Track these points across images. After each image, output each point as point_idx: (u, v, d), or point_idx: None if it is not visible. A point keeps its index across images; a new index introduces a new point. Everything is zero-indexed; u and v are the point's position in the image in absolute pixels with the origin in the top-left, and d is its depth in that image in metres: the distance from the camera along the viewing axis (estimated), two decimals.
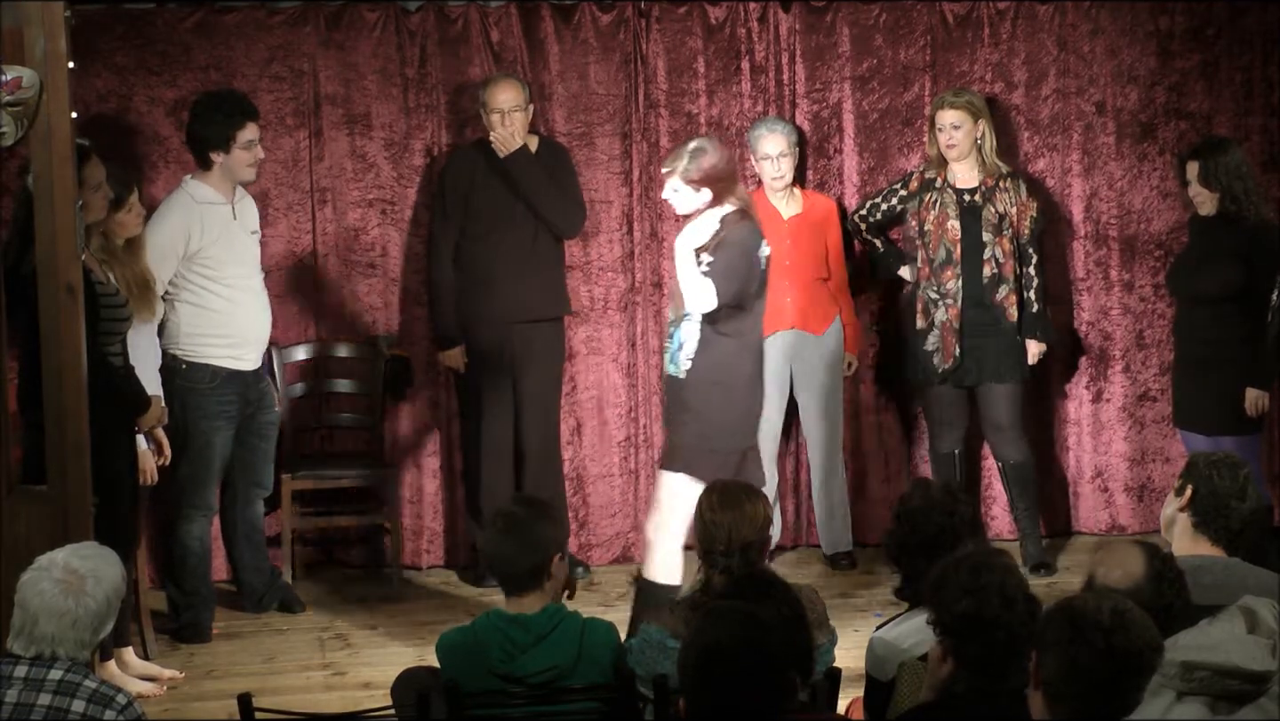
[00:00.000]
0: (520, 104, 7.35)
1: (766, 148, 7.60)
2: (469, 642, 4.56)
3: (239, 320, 6.94)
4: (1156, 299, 8.08)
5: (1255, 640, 3.70)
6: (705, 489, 4.98)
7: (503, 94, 7.36)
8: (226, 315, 6.92)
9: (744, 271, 6.17)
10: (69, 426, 5.26)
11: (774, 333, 7.68)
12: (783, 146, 7.59)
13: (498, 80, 7.44)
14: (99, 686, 3.94)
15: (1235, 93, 8.09)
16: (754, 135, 7.68)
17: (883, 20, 7.94)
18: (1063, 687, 3.37)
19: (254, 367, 7.05)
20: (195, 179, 6.97)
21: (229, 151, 6.90)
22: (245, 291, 6.96)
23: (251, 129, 6.94)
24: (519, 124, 7.35)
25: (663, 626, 4.62)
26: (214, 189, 6.93)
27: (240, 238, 6.98)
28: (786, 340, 7.69)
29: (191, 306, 6.87)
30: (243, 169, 6.94)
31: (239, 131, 6.89)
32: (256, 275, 7.07)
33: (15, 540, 5.17)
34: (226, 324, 6.91)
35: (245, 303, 6.96)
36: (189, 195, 6.92)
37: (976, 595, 3.78)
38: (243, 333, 6.96)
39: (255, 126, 6.97)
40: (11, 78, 5.08)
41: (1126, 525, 8.17)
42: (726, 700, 3.56)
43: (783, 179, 7.62)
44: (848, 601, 7.31)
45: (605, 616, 5.55)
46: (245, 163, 6.93)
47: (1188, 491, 4.66)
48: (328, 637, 7.05)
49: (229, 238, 6.93)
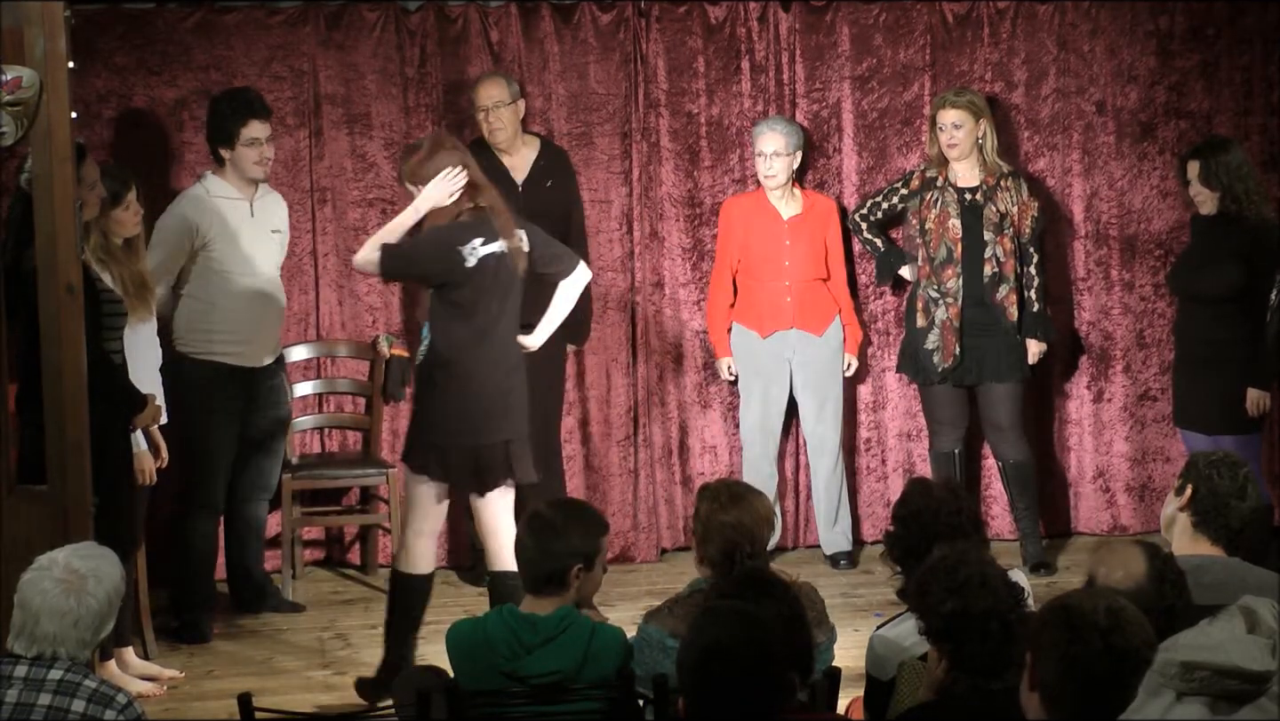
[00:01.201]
0: (504, 99, 7.33)
1: (761, 145, 7.61)
2: (478, 637, 4.57)
3: (245, 317, 6.94)
4: (1157, 298, 8.08)
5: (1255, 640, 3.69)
6: (710, 492, 4.82)
7: (484, 91, 7.37)
8: (232, 311, 6.92)
9: (423, 253, 6.05)
10: (69, 426, 5.25)
11: (774, 332, 7.70)
12: (777, 146, 7.59)
13: (483, 79, 7.46)
14: (99, 686, 3.94)
15: (1235, 92, 8.09)
16: (755, 131, 7.68)
17: (882, 20, 7.94)
18: (1061, 689, 3.37)
19: (261, 365, 7.05)
20: (214, 174, 7.01)
21: (234, 148, 6.94)
22: (254, 289, 6.96)
23: (256, 127, 6.95)
24: (505, 119, 7.33)
25: (661, 626, 4.61)
26: (230, 185, 6.96)
27: (255, 235, 6.99)
28: (786, 339, 7.70)
29: (197, 301, 6.89)
30: (249, 166, 6.97)
31: (242, 129, 6.92)
32: (271, 274, 7.08)
33: (15, 540, 5.17)
34: (231, 320, 6.92)
35: (254, 300, 6.96)
36: (203, 189, 6.97)
37: (959, 592, 3.79)
38: (248, 330, 6.96)
39: (261, 125, 6.98)
40: (11, 78, 5.08)
41: (1127, 525, 8.16)
42: (726, 699, 3.56)
43: (775, 178, 7.61)
44: (848, 601, 7.31)
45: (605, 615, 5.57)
46: (251, 160, 6.96)
47: (1188, 491, 4.66)
48: (328, 637, 7.05)
49: (241, 234, 6.94)
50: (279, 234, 7.14)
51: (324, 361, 7.79)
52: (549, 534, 4.59)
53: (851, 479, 8.06)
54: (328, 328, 7.77)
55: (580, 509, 4.83)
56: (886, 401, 8.10)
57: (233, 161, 6.96)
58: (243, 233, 6.96)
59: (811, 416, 7.81)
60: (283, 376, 7.26)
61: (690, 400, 7.97)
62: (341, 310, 7.77)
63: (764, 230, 7.65)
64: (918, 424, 7.99)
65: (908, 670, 4.32)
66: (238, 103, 6.98)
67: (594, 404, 7.93)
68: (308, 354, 7.72)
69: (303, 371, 7.75)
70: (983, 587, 3.80)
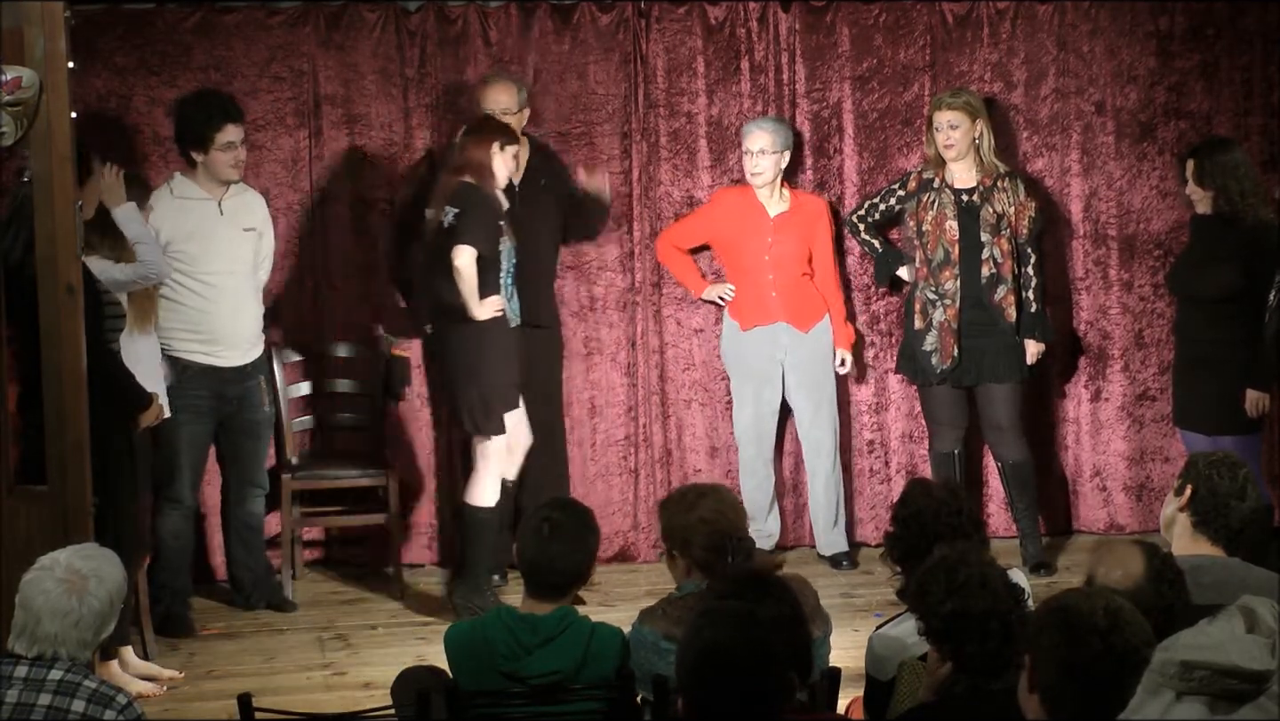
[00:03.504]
0: (512, 108, 7.33)
1: (748, 143, 7.63)
2: (476, 638, 4.56)
3: (215, 317, 6.91)
4: (1155, 298, 8.09)
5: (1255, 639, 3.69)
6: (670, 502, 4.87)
7: (494, 96, 7.35)
8: (201, 311, 6.91)
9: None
10: (69, 426, 5.26)
11: (755, 326, 7.69)
12: (763, 144, 7.59)
13: (492, 82, 7.43)
14: (99, 686, 3.94)
15: (1235, 92, 8.09)
16: (743, 130, 7.69)
17: (882, 20, 7.95)
18: (1060, 689, 3.37)
19: (234, 365, 7.02)
20: (182, 175, 7.00)
21: (207, 152, 6.89)
22: (225, 289, 6.92)
23: (231, 130, 6.91)
24: (514, 127, 7.34)
25: (655, 628, 4.61)
26: (198, 185, 6.94)
27: (224, 234, 6.96)
28: (774, 334, 7.70)
29: (166, 300, 6.85)
30: (224, 169, 6.93)
31: (217, 133, 6.87)
32: (242, 273, 7.03)
33: (15, 540, 5.17)
34: (201, 320, 6.90)
35: (224, 300, 6.92)
36: (169, 190, 6.96)
37: (959, 593, 3.79)
38: (219, 330, 6.92)
39: (236, 128, 6.94)
40: (11, 78, 5.09)
41: (1125, 524, 8.17)
42: (725, 700, 3.56)
43: (761, 175, 7.61)
44: (848, 601, 7.31)
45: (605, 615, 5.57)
46: (226, 163, 6.92)
47: (1187, 491, 4.66)
48: (328, 637, 7.05)
49: (209, 234, 6.92)
50: (253, 232, 7.08)
51: (324, 361, 7.78)
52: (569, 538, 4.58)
53: (854, 481, 8.06)
54: (328, 328, 7.76)
55: (583, 509, 4.83)
56: (889, 403, 8.10)
57: (206, 164, 6.91)
58: (209, 232, 6.92)
59: (806, 420, 7.81)
60: (260, 379, 7.17)
61: (690, 400, 7.97)
62: (342, 310, 7.76)
63: (750, 225, 7.67)
64: (920, 425, 7.98)
65: (908, 670, 4.32)
66: (211, 107, 6.92)
67: (593, 403, 7.93)
68: (308, 354, 7.72)
69: (302, 371, 7.75)
70: (982, 588, 3.80)
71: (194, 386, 6.90)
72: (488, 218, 6.90)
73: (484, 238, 6.87)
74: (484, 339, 6.92)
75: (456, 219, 6.86)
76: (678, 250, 7.82)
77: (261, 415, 7.18)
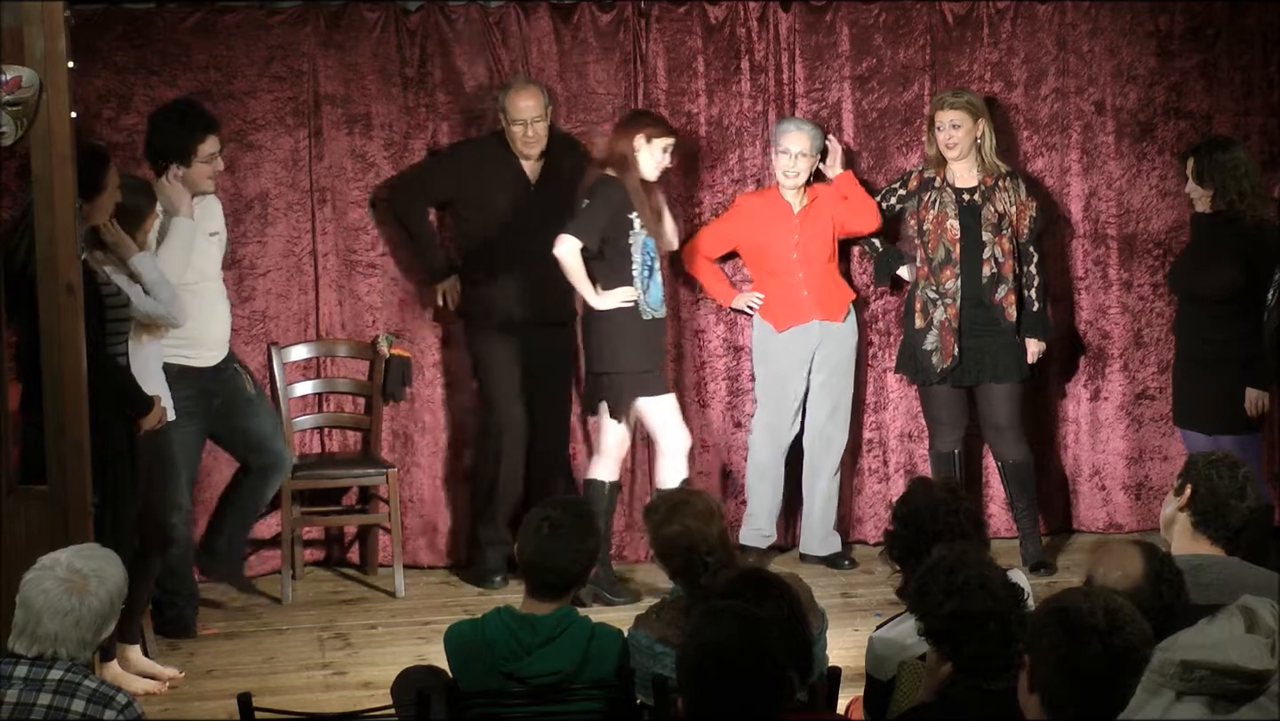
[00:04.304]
0: (542, 113, 7.38)
1: (788, 143, 7.60)
2: (476, 638, 4.56)
3: (193, 322, 6.88)
4: (1155, 297, 8.09)
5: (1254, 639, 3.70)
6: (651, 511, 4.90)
7: (523, 103, 7.37)
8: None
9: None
10: (69, 426, 5.26)
11: (790, 327, 7.69)
12: (804, 146, 7.60)
13: (519, 88, 7.43)
14: (99, 686, 3.94)
15: (1235, 92, 8.10)
16: (780, 129, 7.67)
17: (882, 20, 7.95)
18: (1061, 691, 3.37)
19: (212, 364, 7.00)
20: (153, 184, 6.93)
21: (189, 165, 6.77)
22: (199, 294, 6.86)
23: (213, 141, 6.83)
24: (542, 132, 7.37)
25: (650, 632, 4.61)
26: (169, 196, 6.79)
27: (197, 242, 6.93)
28: (809, 332, 7.70)
29: None
30: (203, 181, 6.82)
31: (200, 145, 6.78)
32: (213, 275, 6.97)
33: (15, 540, 5.17)
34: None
35: (199, 305, 6.86)
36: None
37: (959, 594, 3.79)
38: (197, 334, 6.85)
39: (215, 139, 6.86)
40: (11, 77, 5.09)
41: (1124, 523, 8.17)
42: (725, 699, 3.56)
43: (797, 178, 7.62)
44: (848, 601, 7.31)
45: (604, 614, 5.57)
46: (205, 175, 6.82)
47: (1187, 491, 4.67)
48: (328, 637, 7.05)
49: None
50: (217, 235, 7.02)
51: (324, 361, 7.78)
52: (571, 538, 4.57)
53: (853, 480, 8.06)
54: (328, 327, 7.76)
55: (585, 509, 4.83)
56: (888, 402, 8.10)
57: (186, 177, 6.77)
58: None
59: (823, 416, 7.80)
60: (235, 366, 7.08)
61: (690, 400, 7.96)
62: (341, 310, 7.76)
63: (777, 226, 7.66)
64: (919, 425, 7.99)
65: (907, 670, 4.32)
66: (193, 119, 6.82)
67: None
68: (308, 354, 7.72)
69: (302, 371, 7.75)
70: (982, 589, 3.80)
71: (178, 388, 6.86)
72: (611, 211, 7.13)
73: (595, 230, 7.12)
74: (607, 327, 7.21)
75: (584, 210, 7.15)
76: (707, 260, 7.81)
77: (252, 394, 7.11)
